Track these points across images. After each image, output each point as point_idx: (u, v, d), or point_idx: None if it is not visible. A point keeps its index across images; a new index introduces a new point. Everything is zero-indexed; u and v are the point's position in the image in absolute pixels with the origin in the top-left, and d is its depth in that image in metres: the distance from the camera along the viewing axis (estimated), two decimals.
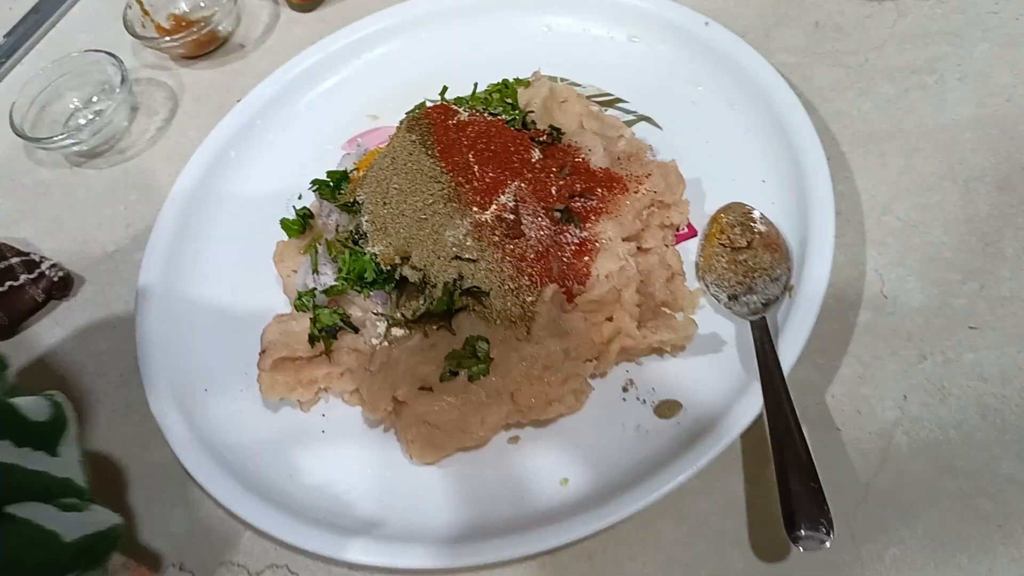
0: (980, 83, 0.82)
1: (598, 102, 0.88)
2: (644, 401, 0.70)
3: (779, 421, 0.62)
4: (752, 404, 0.65)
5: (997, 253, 0.71)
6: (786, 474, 0.59)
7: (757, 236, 0.75)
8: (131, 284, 0.89)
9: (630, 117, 0.87)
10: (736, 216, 0.76)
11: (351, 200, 0.76)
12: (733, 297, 0.72)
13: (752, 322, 0.69)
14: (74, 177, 1.02)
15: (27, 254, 0.91)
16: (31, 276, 0.89)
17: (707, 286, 0.74)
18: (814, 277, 0.69)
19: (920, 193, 0.76)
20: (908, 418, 0.65)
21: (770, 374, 0.64)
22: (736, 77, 0.84)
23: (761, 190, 0.78)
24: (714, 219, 0.77)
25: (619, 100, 0.89)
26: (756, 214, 0.75)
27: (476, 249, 0.70)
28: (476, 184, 0.71)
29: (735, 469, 0.66)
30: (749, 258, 0.74)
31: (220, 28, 1.08)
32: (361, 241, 0.74)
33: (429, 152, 0.73)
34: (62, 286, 0.90)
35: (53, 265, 0.90)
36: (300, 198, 0.89)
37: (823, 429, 0.66)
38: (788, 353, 0.66)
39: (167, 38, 1.05)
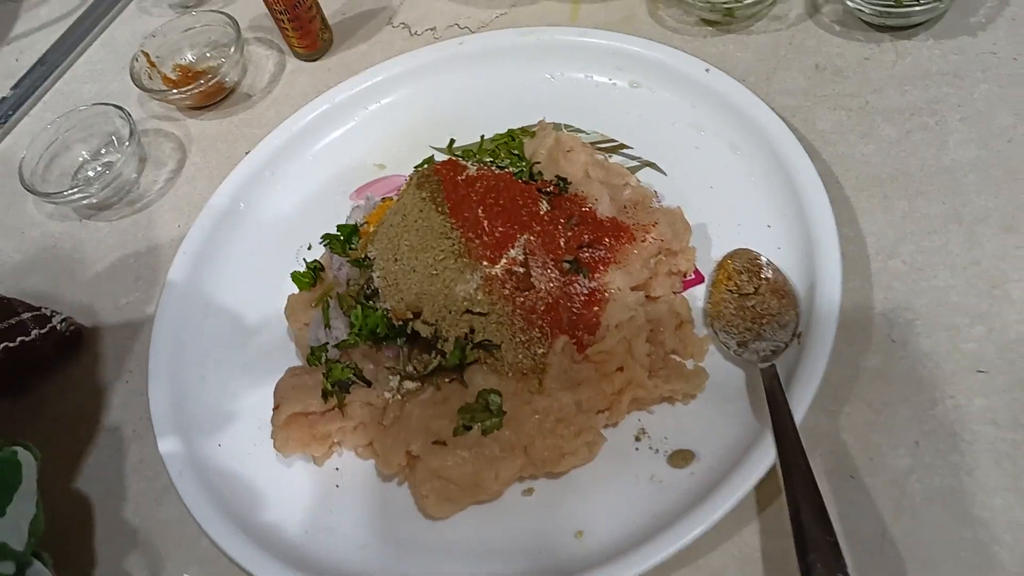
0: (982, 124, 0.82)
1: (602, 149, 0.89)
2: (657, 451, 0.71)
3: (793, 472, 0.62)
4: (766, 454, 0.64)
5: (1004, 296, 0.72)
6: (802, 527, 0.59)
7: (764, 282, 0.75)
8: (143, 337, 0.89)
9: (634, 163, 0.88)
10: (743, 262, 0.76)
11: (363, 256, 0.76)
12: (742, 344, 0.72)
13: (762, 369, 0.69)
14: (84, 230, 1.03)
15: (38, 309, 0.91)
16: (42, 331, 0.89)
17: (716, 333, 0.74)
18: (823, 323, 0.70)
19: (925, 236, 0.77)
20: (922, 465, 0.66)
21: (782, 423, 0.65)
22: (738, 122, 0.85)
23: (767, 235, 0.79)
24: (721, 265, 0.77)
25: (623, 146, 0.89)
26: (763, 260, 0.76)
27: (487, 303, 0.71)
28: (486, 239, 0.72)
29: (750, 520, 0.66)
30: (757, 304, 0.74)
31: (227, 79, 1.09)
32: (372, 296, 0.74)
33: (439, 209, 0.74)
34: (74, 341, 0.91)
35: (64, 319, 0.91)
36: (310, 248, 0.89)
37: (837, 477, 0.67)
38: (800, 401, 0.66)
39: (174, 90, 1.07)
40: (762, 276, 0.75)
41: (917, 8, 0.86)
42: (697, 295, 0.78)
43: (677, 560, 0.64)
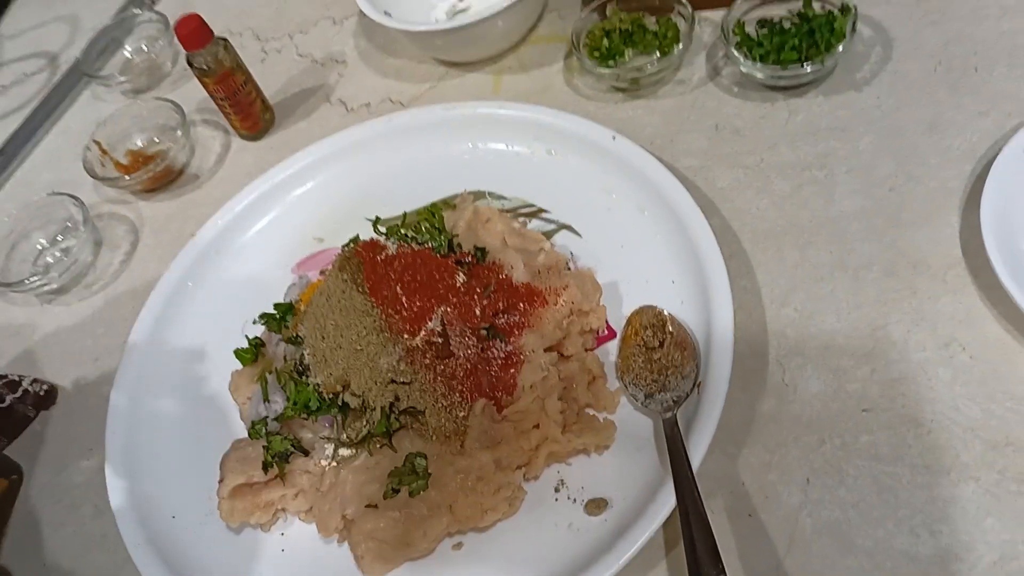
0: (865, 175, 0.89)
1: (522, 214, 0.96)
2: (574, 500, 0.76)
3: (689, 515, 0.68)
4: (668, 499, 0.70)
5: (885, 337, 0.78)
6: (696, 565, 0.65)
7: (669, 336, 0.81)
8: (100, 417, 0.94)
9: (552, 227, 0.94)
10: (648, 318, 0.83)
11: (295, 334, 0.82)
12: (649, 395, 0.78)
13: (664, 420, 0.75)
14: (44, 315, 1.09)
15: (5, 376, 0.98)
16: (16, 395, 0.96)
17: (626, 386, 0.80)
18: (718, 373, 0.76)
19: (814, 284, 0.83)
20: (811, 501, 0.71)
21: (680, 469, 0.70)
22: (643, 185, 0.91)
23: (672, 290, 0.85)
24: (629, 321, 0.84)
25: (542, 211, 0.96)
26: (666, 314, 0.82)
27: (409, 373, 0.77)
28: (405, 313, 0.78)
29: (658, 561, 0.72)
30: (662, 357, 0.80)
31: (175, 162, 1.16)
32: (304, 372, 0.80)
33: (360, 289, 0.80)
34: (48, 398, 0.98)
35: (35, 380, 0.98)
36: (254, 323, 0.95)
37: (737, 516, 0.72)
38: (698, 446, 0.72)
39: (126, 177, 1.13)
40: (666, 330, 0.82)
41: (804, 71, 0.94)
42: (610, 350, 0.84)
43: None
